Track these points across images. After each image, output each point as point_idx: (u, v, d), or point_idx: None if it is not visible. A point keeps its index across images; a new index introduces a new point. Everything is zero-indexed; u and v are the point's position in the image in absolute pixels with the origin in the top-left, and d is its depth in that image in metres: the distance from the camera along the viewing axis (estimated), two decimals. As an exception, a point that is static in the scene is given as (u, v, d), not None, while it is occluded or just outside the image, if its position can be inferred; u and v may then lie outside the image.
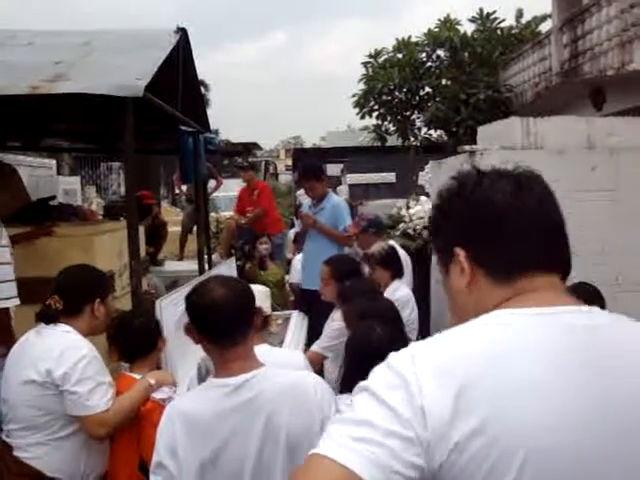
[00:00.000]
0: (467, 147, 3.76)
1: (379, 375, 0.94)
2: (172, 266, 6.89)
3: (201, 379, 2.47)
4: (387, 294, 3.29)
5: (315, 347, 3.12)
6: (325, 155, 12.27)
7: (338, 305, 3.08)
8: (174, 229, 7.72)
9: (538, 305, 0.96)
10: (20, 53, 3.37)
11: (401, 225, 5.63)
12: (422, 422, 0.86)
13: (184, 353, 2.85)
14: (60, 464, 2.16)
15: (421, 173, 8.68)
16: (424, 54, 11.98)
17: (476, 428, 0.85)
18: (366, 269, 3.67)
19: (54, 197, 5.07)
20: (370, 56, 12.35)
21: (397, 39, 12.23)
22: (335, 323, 3.09)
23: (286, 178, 25.59)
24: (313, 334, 3.27)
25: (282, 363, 1.75)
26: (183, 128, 4.70)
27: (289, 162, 30.20)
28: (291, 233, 7.74)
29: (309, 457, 0.89)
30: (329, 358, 3.11)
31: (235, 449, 1.62)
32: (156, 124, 4.37)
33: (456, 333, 0.97)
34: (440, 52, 11.94)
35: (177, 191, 9.10)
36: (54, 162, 7.95)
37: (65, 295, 2.28)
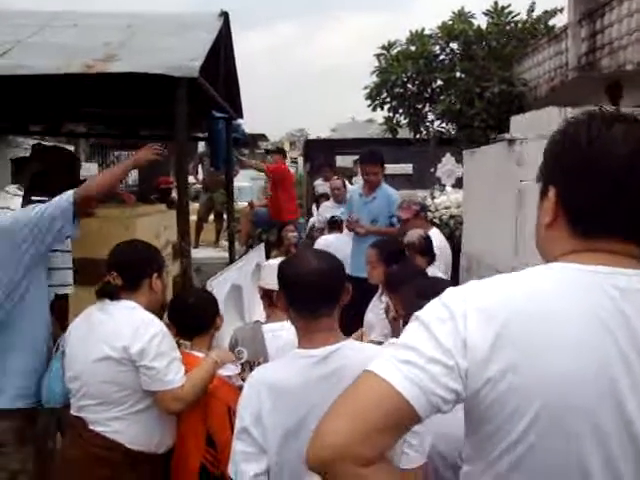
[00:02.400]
0: (506, 135, 3.79)
1: (432, 308, 1.03)
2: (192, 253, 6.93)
3: (231, 349, 2.51)
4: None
5: (376, 337, 3.09)
6: (336, 146, 12.20)
7: (386, 289, 3.10)
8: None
9: (600, 264, 0.99)
10: (68, 34, 3.38)
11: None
12: (462, 353, 0.96)
13: (228, 330, 2.91)
14: (137, 437, 2.20)
15: (439, 165, 8.73)
16: (437, 47, 11.94)
17: (507, 369, 0.94)
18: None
19: (85, 180, 5.07)
20: (383, 48, 12.29)
21: (410, 31, 12.16)
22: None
23: (291, 170, 25.44)
24: (360, 322, 3.29)
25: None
26: (216, 114, 4.72)
27: (294, 154, 30.10)
28: (312, 221, 7.69)
29: (361, 374, 1.02)
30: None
31: (319, 418, 1.65)
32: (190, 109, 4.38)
33: (509, 278, 1.04)
34: (453, 45, 11.89)
35: (193, 180, 9.09)
36: (72, 148, 7.95)
37: (123, 271, 2.30)
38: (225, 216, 7.37)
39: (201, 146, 9.16)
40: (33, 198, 2.80)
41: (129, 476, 2.19)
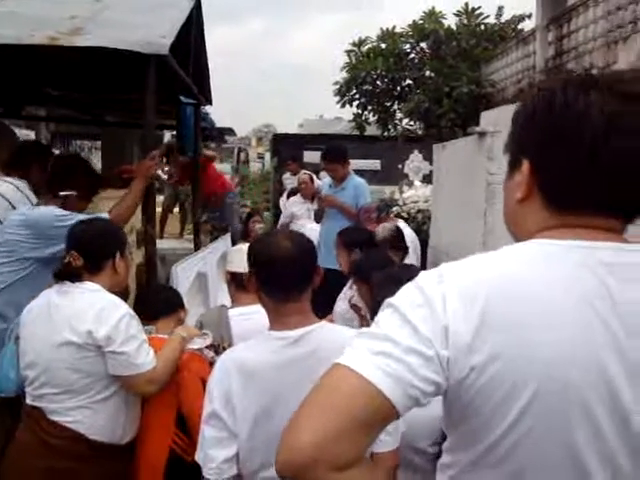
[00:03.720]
0: (477, 128, 3.79)
1: (406, 293, 0.95)
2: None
3: None
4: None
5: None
6: (304, 141, 12.17)
7: (354, 277, 3.07)
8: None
9: (578, 239, 0.93)
10: (32, 6, 3.24)
11: (395, 208, 5.68)
12: (443, 341, 0.88)
13: (192, 315, 2.85)
14: (100, 426, 2.10)
15: (406, 162, 8.77)
16: (408, 45, 12.02)
17: (492, 354, 0.87)
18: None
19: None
20: (354, 44, 12.32)
21: (381, 29, 12.24)
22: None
23: (257, 166, 25.37)
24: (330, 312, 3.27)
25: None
26: (184, 99, 4.60)
27: (260, 150, 29.98)
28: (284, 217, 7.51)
29: (331, 367, 0.93)
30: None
31: (291, 403, 1.56)
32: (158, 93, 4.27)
33: (486, 258, 0.97)
34: (424, 44, 11.99)
35: (162, 174, 8.91)
36: (33, 134, 7.70)
37: (84, 251, 2.18)
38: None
39: (167, 137, 9.01)
40: (61, 194, 2.75)
41: (93, 469, 2.08)
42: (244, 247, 2.61)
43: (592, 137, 0.91)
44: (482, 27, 11.98)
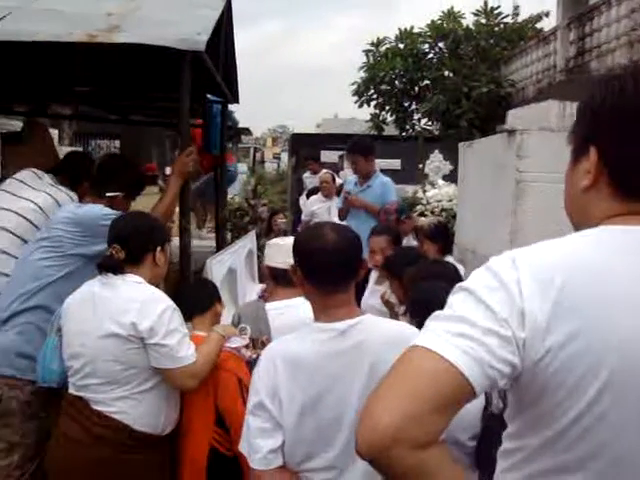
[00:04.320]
0: (506, 126, 3.79)
1: (479, 277, 0.96)
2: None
3: (233, 326, 2.47)
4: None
5: None
6: (323, 141, 12.20)
7: (386, 273, 3.08)
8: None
9: None
10: (67, 3, 3.28)
11: (418, 207, 5.68)
12: (520, 323, 0.89)
13: (229, 309, 2.87)
14: (144, 417, 2.13)
15: (427, 162, 8.76)
16: (426, 45, 12.01)
17: (570, 335, 0.88)
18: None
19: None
20: (372, 44, 12.33)
21: (399, 29, 12.24)
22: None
23: (272, 166, 25.51)
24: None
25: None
26: (211, 97, 4.63)
27: (276, 150, 30.15)
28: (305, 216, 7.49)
29: (408, 349, 0.92)
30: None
31: (337, 394, 1.61)
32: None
33: (558, 242, 0.97)
34: (442, 44, 11.97)
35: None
36: (57, 132, 7.80)
37: (126, 243, 2.21)
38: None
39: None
40: (107, 194, 2.79)
41: (134, 458, 2.11)
42: (282, 242, 2.64)
43: None
44: (501, 27, 11.94)
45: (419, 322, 2.17)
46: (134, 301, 2.10)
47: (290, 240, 2.61)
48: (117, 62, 3.73)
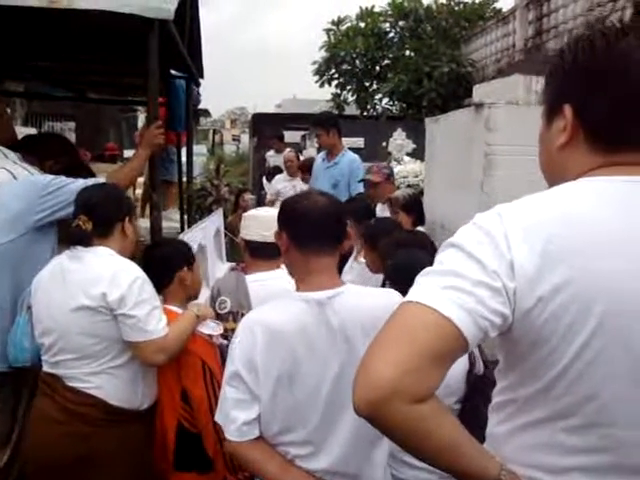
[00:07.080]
0: (475, 100, 3.82)
1: (467, 232, 0.98)
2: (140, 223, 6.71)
3: (213, 299, 2.43)
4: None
5: None
6: (285, 121, 12.10)
7: (364, 245, 3.08)
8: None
9: (626, 174, 0.96)
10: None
11: (384, 184, 5.72)
12: (510, 274, 0.91)
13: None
14: (119, 392, 2.08)
15: (390, 139, 8.79)
16: (387, 24, 12.00)
17: (559, 284, 0.90)
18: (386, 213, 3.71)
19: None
20: (333, 23, 12.25)
21: (360, 7, 12.19)
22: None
23: (232, 148, 25.19)
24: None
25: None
26: (175, 73, 4.52)
27: (235, 132, 29.84)
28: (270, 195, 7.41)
29: (401, 305, 0.94)
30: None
31: (314, 365, 1.57)
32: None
33: (541, 195, 0.99)
34: (403, 23, 11.98)
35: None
36: (9, 110, 7.48)
37: (93, 214, 2.13)
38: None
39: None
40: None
41: (111, 433, 2.05)
42: (258, 214, 2.59)
43: (637, 73, 0.94)
44: (461, 6, 12.01)
45: (401, 289, 2.19)
46: (104, 272, 2.03)
47: (265, 212, 2.57)
48: (76, 34, 3.57)
